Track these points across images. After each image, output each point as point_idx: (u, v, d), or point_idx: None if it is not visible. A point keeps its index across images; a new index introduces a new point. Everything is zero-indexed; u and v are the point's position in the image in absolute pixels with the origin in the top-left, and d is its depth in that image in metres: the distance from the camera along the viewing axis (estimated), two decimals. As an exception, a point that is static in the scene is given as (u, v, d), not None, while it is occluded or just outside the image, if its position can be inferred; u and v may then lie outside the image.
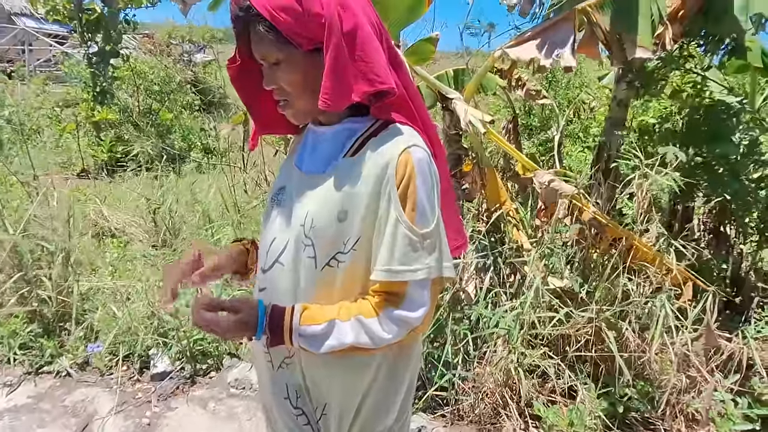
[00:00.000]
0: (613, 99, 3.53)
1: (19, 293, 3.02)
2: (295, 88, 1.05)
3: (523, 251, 2.83)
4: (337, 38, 0.97)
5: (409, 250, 1.02)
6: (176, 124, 9.07)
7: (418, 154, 1.03)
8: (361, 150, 1.06)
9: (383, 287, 1.05)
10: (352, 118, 1.11)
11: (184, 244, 3.96)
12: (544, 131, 5.81)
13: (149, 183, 5.85)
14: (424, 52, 3.23)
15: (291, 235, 1.10)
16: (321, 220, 1.06)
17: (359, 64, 1.01)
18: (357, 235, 1.05)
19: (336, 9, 0.98)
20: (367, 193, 1.03)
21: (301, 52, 1.01)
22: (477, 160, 3.01)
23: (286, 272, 1.11)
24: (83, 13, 7.67)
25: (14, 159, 6.43)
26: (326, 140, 1.13)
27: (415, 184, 1.01)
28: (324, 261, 1.07)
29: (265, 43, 1.01)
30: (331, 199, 1.06)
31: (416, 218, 1.02)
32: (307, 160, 1.16)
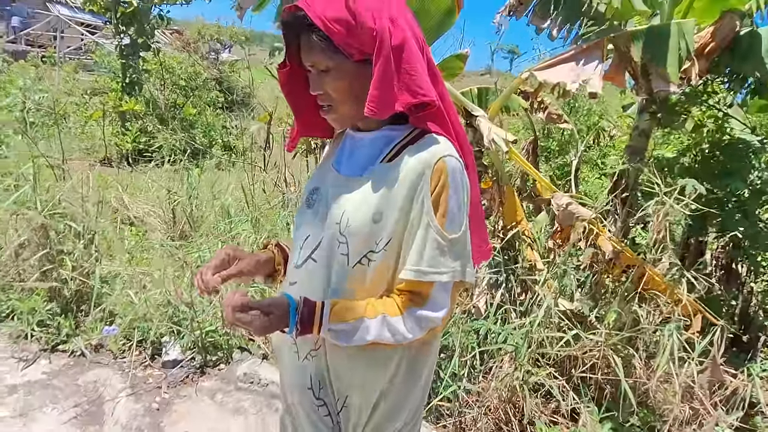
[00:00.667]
0: (635, 128, 3.58)
1: (42, 270, 3.10)
2: (340, 94, 1.11)
3: (536, 271, 2.87)
4: (387, 51, 1.03)
5: (437, 254, 1.08)
6: (199, 120, 9.23)
7: (452, 164, 1.08)
8: (398, 156, 1.12)
9: (409, 286, 1.11)
10: (390, 126, 1.16)
11: (202, 238, 4.04)
12: (563, 155, 5.85)
13: (170, 175, 5.97)
14: (452, 67, 3.30)
15: (326, 233, 1.15)
16: (357, 220, 1.11)
17: (404, 77, 1.06)
18: (389, 236, 1.10)
19: (387, 23, 1.04)
20: (401, 197, 1.08)
21: (350, 62, 1.07)
22: (497, 177, 3.06)
23: (319, 268, 1.16)
24: (119, 5, 7.87)
25: (39, 141, 6.59)
26: (365, 145, 1.19)
27: (447, 192, 1.07)
28: (356, 259, 1.12)
29: (317, 51, 1.07)
30: (367, 201, 1.11)
31: (446, 224, 1.08)
32: (345, 163, 1.22)
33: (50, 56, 11.77)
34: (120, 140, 7.57)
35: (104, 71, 10.30)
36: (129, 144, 7.30)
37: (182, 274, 3.45)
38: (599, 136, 5.57)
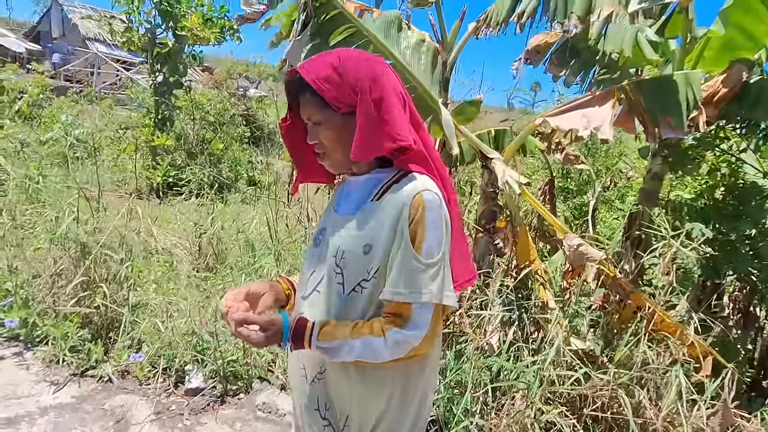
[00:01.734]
0: (648, 171, 3.66)
1: (77, 298, 3.27)
2: (332, 143, 1.30)
3: (548, 309, 2.94)
4: (367, 104, 1.23)
5: (414, 277, 1.22)
6: (226, 155, 9.54)
7: (428, 197, 1.24)
8: (384, 194, 1.29)
9: (392, 309, 1.25)
10: (379, 169, 1.34)
11: (227, 270, 4.19)
12: (580, 195, 5.92)
13: (197, 208, 6.19)
14: (468, 112, 3.45)
15: (326, 267, 1.32)
16: (349, 252, 1.28)
17: (384, 125, 1.24)
18: (378, 265, 1.26)
19: (368, 82, 1.23)
20: (387, 229, 1.25)
21: (338, 115, 1.26)
22: (510, 218, 3.17)
23: (322, 298, 1.33)
24: (156, 46, 8.31)
25: (76, 172, 6.92)
26: (358, 187, 1.36)
27: (424, 222, 1.22)
28: (350, 287, 1.28)
29: (311, 106, 1.28)
30: (358, 235, 1.28)
31: (423, 250, 1.22)
32: (342, 204, 1.40)
33: (88, 93, 12.34)
34: (151, 174, 7.87)
35: (135, 106, 10.79)
36: (159, 178, 7.58)
37: (207, 304, 3.59)
38: (616, 177, 5.64)
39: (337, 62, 1.24)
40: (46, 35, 29.43)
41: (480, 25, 3.58)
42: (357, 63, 1.26)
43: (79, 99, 11.68)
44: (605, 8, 2.75)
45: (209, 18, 8.47)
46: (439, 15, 3.90)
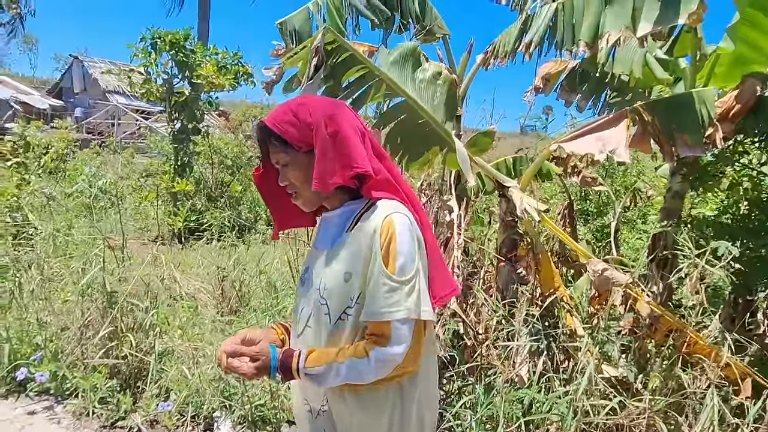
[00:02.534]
0: (669, 190, 3.62)
1: (104, 348, 3.31)
2: (299, 181, 1.39)
3: (577, 337, 2.88)
4: (322, 137, 1.32)
5: (390, 295, 1.27)
6: (245, 196, 9.68)
7: (397, 218, 1.31)
8: (357, 224, 1.36)
9: (373, 329, 1.30)
10: (350, 202, 1.42)
11: (251, 313, 4.21)
12: (601, 217, 5.85)
13: (219, 252, 6.26)
14: (482, 143, 3.47)
15: (312, 301, 1.39)
16: (331, 282, 1.34)
17: (340, 156, 1.32)
18: (359, 291, 1.31)
19: (322, 118, 1.33)
20: (362, 256, 1.31)
21: (302, 154, 1.35)
22: (532, 245, 3.15)
23: (312, 332, 1.40)
24: (173, 95, 8.56)
25: (100, 222, 7.08)
26: (333, 222, 1.44)
27: (395, 242, 1.28)
28: (336, 316, 1.35)
29: (277, 150, 1.37)
30: (337, 266, 1.35)
31: (397, 269, 1.28)
32: (320, 239, 1.48)
33: (110, 143, 12.71)
34: (172, 220, 8.00)
35: (155, 154, 11.08)
36: (180, 223, 7.71)
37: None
38: (636, 197, 5.58)
39: (294, 106, 1.36)
40: (68, 91, 30.54)
41: (488, 57, 3.64)
42: (313, 104, 1.36)
43: (100, 151, 12.03)
44: (613, 34, 2.78)
45: (223, 65, 8.72)
46: (447, 49, 3.99)
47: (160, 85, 8.59)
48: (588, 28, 3.00)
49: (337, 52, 2.56)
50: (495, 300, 3.19)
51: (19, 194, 5.78)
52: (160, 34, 8.09)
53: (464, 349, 3.18)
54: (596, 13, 2.98)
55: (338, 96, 2.63)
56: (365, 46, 3.82)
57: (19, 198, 5.75)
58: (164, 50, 8.24)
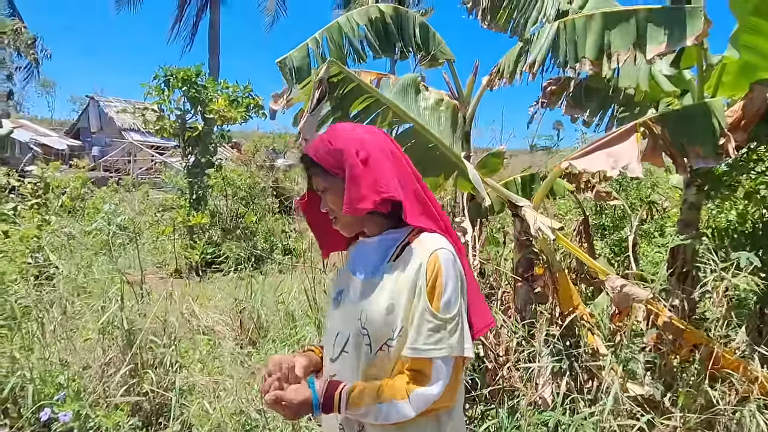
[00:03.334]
0: (684, 202, 3.58)
1: (126, 386, 3.32)
2: (337, 206, 1.39)
3: (600, 356, 2.83)
4: (352, 163, 1.33)
5: (433, 333, 1.28)
6: (260, 227, 9.76)
7: (443, 255, 1.32)
8: (401, 255, 1.37)
9: (413, 365, 1.31)
10: (391, 229, 1.43)
11: (270, 344, 4.20)
12: (617, 231, 5.79)
13: (236, 283, 6.29)
14: (492, 164, 3.48)
15: (351, 329, 1.38)
16: (373, 314, 1.34)
17: (370, 181, 1.33)
18: (401, 324, 1.32)
19: (355, 145, 1.36)
20: (406, 290, 1.32)
21: (338, 180, 1.37)
22: (548, 264, 3.12)
23: (350, 359, 1.39)
24: (186, 130, 8.73)
25: (119, 259, 7.18)
26: (373, 249, 1.44)
27: (441, 280, 1.29)
28: (377, 347, 1.34)
29: (317, 177, 1.42)
30: (380, 297, 1.34)
31: (441, 307, 1.29)
32: (359, 267, 1.46)
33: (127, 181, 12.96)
34: (189, 253, 8.09)
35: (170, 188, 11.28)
36: (197, 256, 7.78)
37: (252, 381, 3.59)
38: (652, 210, 5.52)
39: (329, 134, 1.40)
40: (85, 131, 31.28)
41: (493, 78, 3.67)
42: (346, 132, 1.40)
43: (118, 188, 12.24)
44: (622, 53, 2.79)
45: (235, 98, 8.89)
46: (452, 72, 4.03)
47: (173, 120, 8.77)
48: (592, 47, 3.02)
49: (344, 83, 2.60)
50: (514, 321, 3.16)
51: (40, 235, 5.89)
52: (173, 72, 8.30)
53: (485, 372, 3.14)
54: (599, 33, 3.01)
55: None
56: (373, 74, 3.88)
57: (40, 238, 5.85)
58: (177, 87, 8.44)
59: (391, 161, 1.39)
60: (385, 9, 3.51)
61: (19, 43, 20.64)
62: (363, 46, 3.52)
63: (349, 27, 3.39)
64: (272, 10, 23.49)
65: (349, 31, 3.39)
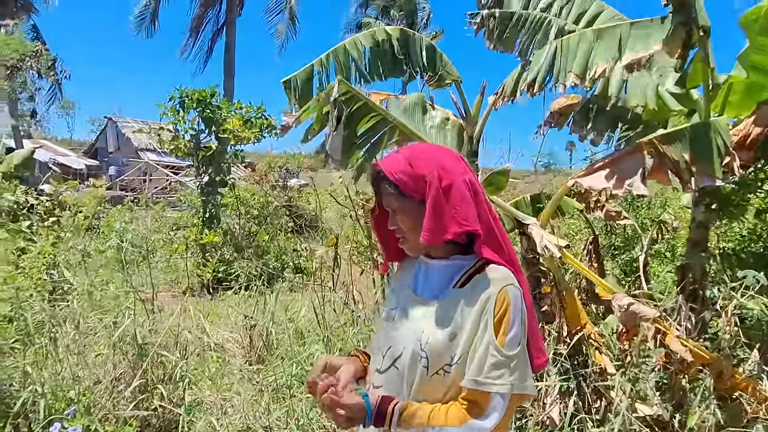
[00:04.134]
0: (693, 221, 3.57)
1: (135, 401, 3.34)
2: (408, 228, 1.41)
3: (608, 375, 2.81)
4: (435, 191, 1.33)
5: (495, 367, 1.28)
6: (272, 246, 9.82)
7: (513, 292, 1.33)
8: (468, 283, 1.37)
9: (470, 395, 1.31)
10: (458, 256, 1.42)
11: (278, 361, 4.22)
12: (628, 251, 5.76)
13: (247, 301, 6.33)
14: (498, 182, 3.51)
15: (407, 346, 1.38)
16: (435, 338, 1.34)
17: (452, 211, 1.33)
18: (462, 352, 1.32)
19: (437, 171, 1.35)
20: (471, 320, 1.32)
21: (413, 203, 1.37)
22: (555, 282, 3.12)
23: (401, 375, 1.39)
24: (200, 150, 8.87)
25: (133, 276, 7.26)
26: (438, 272, 1.44)
27: (509, 317, 1.30)
28: (434, 370, 1.35)
29: (390, 196, 1.40)
30: (443, 322, 1.35)
31: (506, 343, 1.29)
32: (421, 286, 1.47)
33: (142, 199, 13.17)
34: (201, 271, 8.16)
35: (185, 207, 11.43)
36: (209, 274, 7.85)
37: (260, 398, 3.60)
38: (662, 230, 5.49)
39: (410, 155, 1.39)
40: (102, 151, 31.88)
41: (497, 98, 3.72)
42: (428, 155, 1.39)
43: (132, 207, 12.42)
44: (600, 65, 2.85)
45: (248, 119, 9.03)
46: (460, 92, 4.09)
47: (187, 140, 8.92)
48: (578, 63, 3.09)
49: (351, 102, 2.66)
50: (521, 339, 3.14)
51: (55, 252, 6.00)
52: (188, 93, 8.47)
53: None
54: (587, 49, 3.07)
55: (355, 144, 2.73)
56: (383, 95, 3.95)
57: (56, 255, 5.96)
58: (191, 108, 8.60)
59: (471, 191, 1.38)
60: (392, 32, 3.59)
61: (40, 65, 21.18)
62: (368, 67, 3.59)
63: (355, 49, 3.47)
64: (283, 34, 23.93)
65: (354, 53, 3.47)
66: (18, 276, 5.03)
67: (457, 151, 3.43)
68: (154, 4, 22.70)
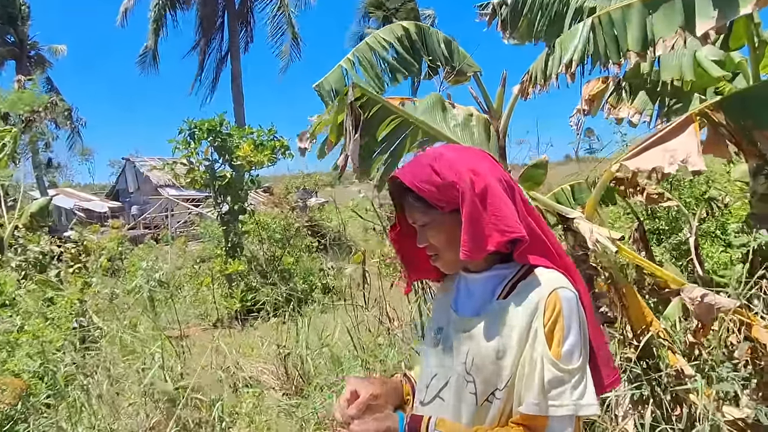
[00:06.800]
0: (753, 194, 3.25)
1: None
2: (441, 243, 1.23)
3: (685, 377, 2.50)
4: (470, 199, 1.15)
5: (554, 386, 1.10)
6: (297, 267, 9.63)
7: (565, 295, 1.13)
8: (512, 293, 1.19)
9: (524, 419, 1.12)
10: (499, 265, 1.24)
11: (317, 392, 3.98)
12: (675, 234, 5.40)
13: (277, 328, 6.14)
14: (536, 176, 3.24)
15: (453, 373, 1.22)
16: (481, 357, 1.17)
17: (492, 218, 1.16)
18: (511, 373, 1.15)
19: (468, 175, 1.17)
20: (518, 331, 1.14)
21: (443, 214, 1.20)
22: (611, 279, 2.83)
23: (447, 407, 1.22)
24: (216, 180, 8.76)
25: (161, 315, 7.13)
26: (479, 286, 1.27)
27: (562, 323, 1.11)
28: (483, 397, 1.17)
29: (415, 210, 1.23)
30: (488, 339, 1.17)
31: (562, 355, 1.10)
32: (462, 304, 1.30)
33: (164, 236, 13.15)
34: (228, 302, 7.98)
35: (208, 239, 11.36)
36: (237, 305, 7.66)
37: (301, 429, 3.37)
38: (711, 207, 5.13)
39: (434, 161, 1.20)
40: (123, 192, 32.31)
41: (525, 86, 3.46)
42: (454, 158, 1.21)
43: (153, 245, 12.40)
44: (669, 39, 2.54)
45: (260, 143, 8.90)
46: (479, 86, 3.83)
47: (203, 172, 8.82)
48: (635, 38, 2.79)
49: (368, 106, 2.43)
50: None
51: (82, 297, 5.88)
52: (197, 124, 8.38)
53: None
54: (640, 22, 2.77)
55: (376, 150, 2.50)
56: (397, 99, 3.74)
57: (84, 302, 5.83)
58: (203, 138, 8.50)
59: (508, 192, 1.21)
60: (408, 26, 3.37)
61: (55, 114, 21.55)
62: (393, 63, 3.36)
63: (379, 45, 3.26)
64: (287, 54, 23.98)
65: (379, 49, 3.26)
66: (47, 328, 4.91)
67: (483, 149, 3.19)
68: (153, 42, 22.90)
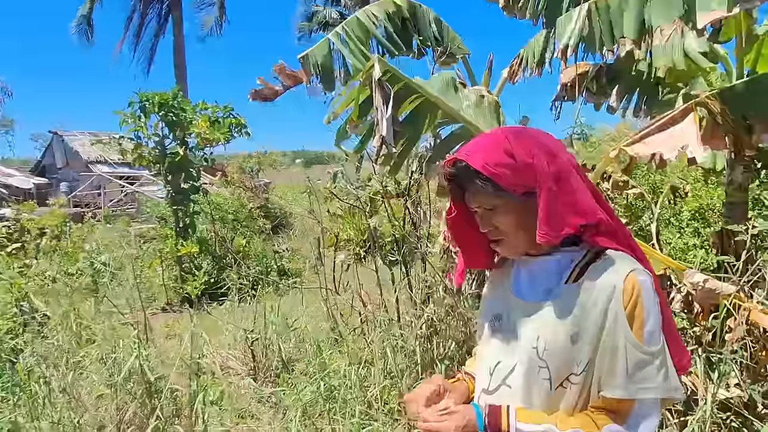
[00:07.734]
0: (730, 183, 3.39)
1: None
2: (509, 227, 1.19)
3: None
4: (548, 183, 1.12)
5: (639, 369, 1.08)
6: (249, 249, 9.34)
7: (642, 277, 1.11)
8: (583, 276, 1.16)
9: (606, 404, 1.11)
10: (563, 249, 1.21)
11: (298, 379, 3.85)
12: (635, 222, 5.60)
13: (233, 312, 5.92)
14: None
15: (520, 359, 1.19)
16: (555, 342, 1.14)
17: (568, 201, 1.14)
18: (588, 356, 1.12)
19: (544, 156, 1.14)
20: (595, 315, 1.11)
21: (515, 197, 1.16)
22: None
23: (517, 393, 1.19)
24: (166, 156, 8.29)
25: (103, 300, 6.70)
26: (543, 269, 1.23)
27: (642, 305, 1.09)
28: (558, 382, 1.15)
29: (482, 194, 1.18)
30: (561, 323, 1.14)
31: (644, 337, 1.09)
32: (525, 288, 1.26)
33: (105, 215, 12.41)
34: (188, 285, 7.58)
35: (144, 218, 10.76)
36: (199, 287, 7.29)
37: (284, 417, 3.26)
38: (674, 195, 5.36)
39: (506, 143, 1.15)
40: (51, 167, 30.25)
41: (514, 70, 3.43)
42: (527, 139, 1.17)
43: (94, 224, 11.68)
44: (666, 28, 2.57)
45: (216, 120, 8.49)
46: (467, 69, 3.79)
47: (152, 148, 8.33)
48: (631, 25, 2.80)
49: (392, 83, 2.31)
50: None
51: (23, 281, 5.43)
52: (148, 96, 7.87)
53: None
54: (638, 9, 2.78)
55: (397, 130, 2.38)
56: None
57: (26, 284, 5.38)
58: (153, 112, 8.00)
59: (579, 174, 1.19)
60: (400, 2, 3.25)
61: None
62: (384, 40, 3.25)
63: (369, 21, 3.12)
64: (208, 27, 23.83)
65: (369, 25, 3.12)
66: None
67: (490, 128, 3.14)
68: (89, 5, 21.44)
